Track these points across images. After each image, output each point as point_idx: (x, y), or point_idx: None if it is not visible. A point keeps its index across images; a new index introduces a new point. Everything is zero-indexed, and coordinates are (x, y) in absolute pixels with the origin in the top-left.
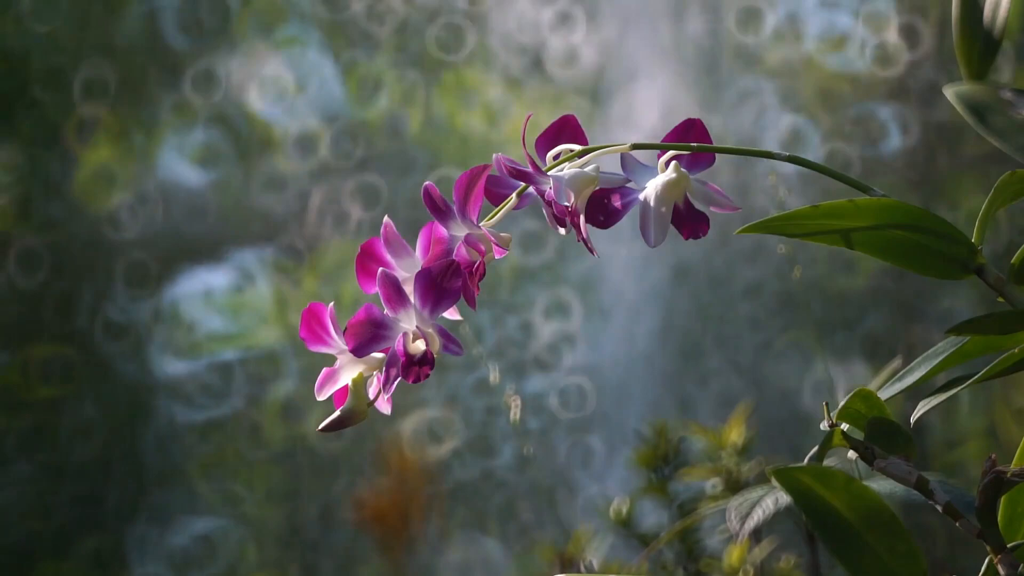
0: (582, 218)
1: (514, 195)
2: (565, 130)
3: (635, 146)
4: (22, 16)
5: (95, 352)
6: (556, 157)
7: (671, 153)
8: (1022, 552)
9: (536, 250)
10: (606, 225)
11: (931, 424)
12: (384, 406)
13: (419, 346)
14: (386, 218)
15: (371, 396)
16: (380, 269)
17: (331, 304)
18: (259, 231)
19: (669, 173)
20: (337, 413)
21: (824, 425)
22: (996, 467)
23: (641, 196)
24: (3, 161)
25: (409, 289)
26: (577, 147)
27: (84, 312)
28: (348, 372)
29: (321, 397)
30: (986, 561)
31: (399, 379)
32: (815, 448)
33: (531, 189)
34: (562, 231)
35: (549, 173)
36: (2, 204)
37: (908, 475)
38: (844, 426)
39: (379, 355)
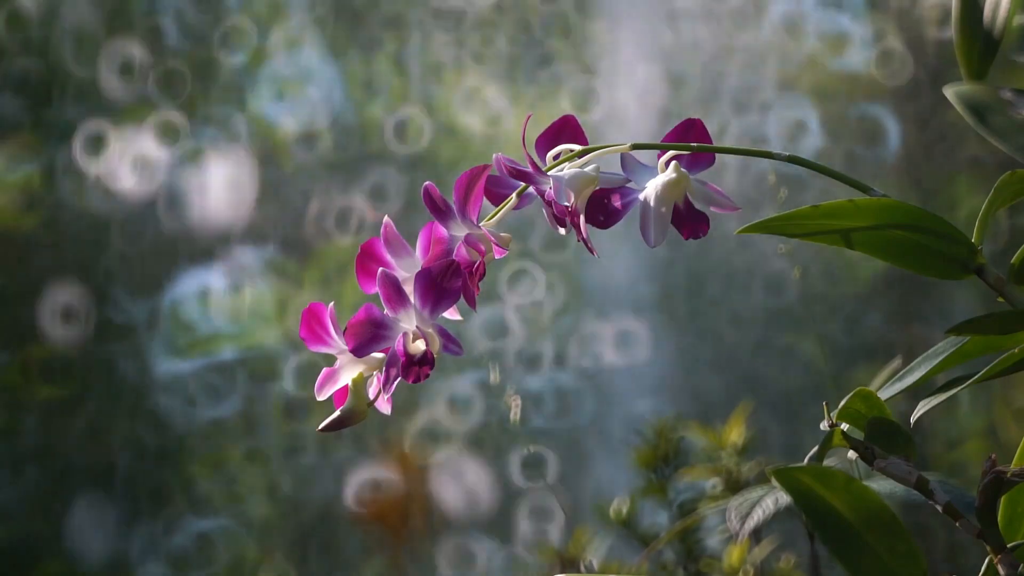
0: (582, 218)
1: (514, 195)
2: (565, 130)
3: (635, 146)
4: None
5: (95, 352)
6: (556, 157)
7: (671, 153)
8: (1022, 552)
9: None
10: (606, 225)
11: (931, 424)
12: (384, 406)
13: (419, 346)
14: (386, 218)
15: (371, 396)
16: (380, 269)
17: (331, 304)
18: (259, 231)
19: (669, 173)
20: (337, 413)
21: (824, 425)
22: (996, 467)
23: (641, 196)
24: (4, 159)
25: (409, 289)
26: (577, 147)
27: (84, 312)
28: (348, 372)
29: (321, 397)
30: (986, 561)
31: (399, 379)
32: (815, 448)
33: (531, 189)
34: (562, 231)
35: (549, 173)
36: (3, 201)
37: (908, 475)
38: (844, 426)
39: (379, 355)
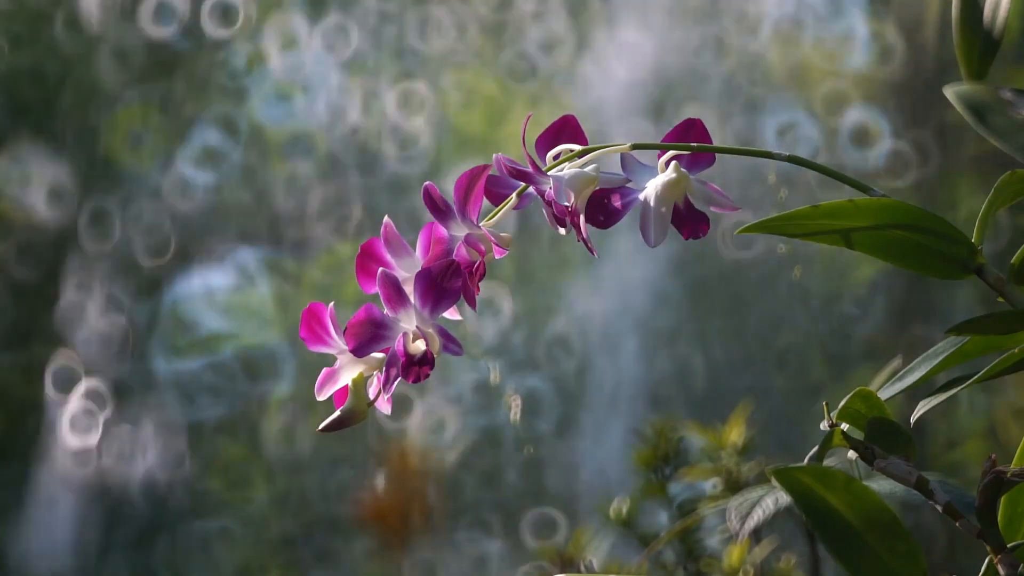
0: (582, 218)
1: (514, 195)
2: (565, 130)
3: (635, 146)
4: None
5: (95, 352)
6: (556, 157)
7: (671, 153)
8: (1022, 552)
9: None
10: (606, 225)
11: (931, 424)
12: (384, 406)
13: (419, 346)
14: (386, 218)
15: (371, 396)
16: (380, 269)
17: (331, 304)
18: (259, 231)
19: (669, 173)
20: (337, 413)
21: (824, 425)
22: (996, 467)
23: (641, 196)
24: (4, 161)
25: (409, 289)
26: (577, 147)
27: (84, 312)
28: (348, 372)
29: (321, 397)
30: (986, 561)
31: (399, 379)
32: (815, 448)
33: (531, 189)
34: (562, 231)
35: (549, 173)
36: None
37: (908, 475)
38: (844, 426)
39: (379, 355)
